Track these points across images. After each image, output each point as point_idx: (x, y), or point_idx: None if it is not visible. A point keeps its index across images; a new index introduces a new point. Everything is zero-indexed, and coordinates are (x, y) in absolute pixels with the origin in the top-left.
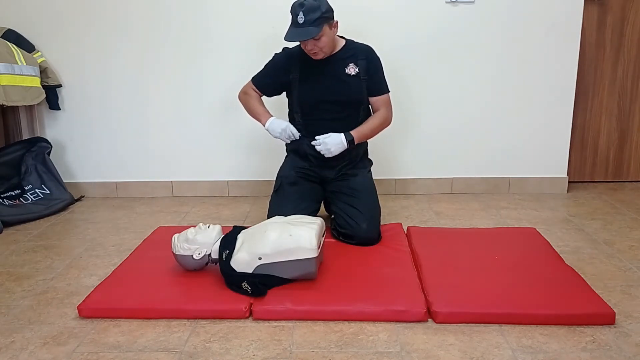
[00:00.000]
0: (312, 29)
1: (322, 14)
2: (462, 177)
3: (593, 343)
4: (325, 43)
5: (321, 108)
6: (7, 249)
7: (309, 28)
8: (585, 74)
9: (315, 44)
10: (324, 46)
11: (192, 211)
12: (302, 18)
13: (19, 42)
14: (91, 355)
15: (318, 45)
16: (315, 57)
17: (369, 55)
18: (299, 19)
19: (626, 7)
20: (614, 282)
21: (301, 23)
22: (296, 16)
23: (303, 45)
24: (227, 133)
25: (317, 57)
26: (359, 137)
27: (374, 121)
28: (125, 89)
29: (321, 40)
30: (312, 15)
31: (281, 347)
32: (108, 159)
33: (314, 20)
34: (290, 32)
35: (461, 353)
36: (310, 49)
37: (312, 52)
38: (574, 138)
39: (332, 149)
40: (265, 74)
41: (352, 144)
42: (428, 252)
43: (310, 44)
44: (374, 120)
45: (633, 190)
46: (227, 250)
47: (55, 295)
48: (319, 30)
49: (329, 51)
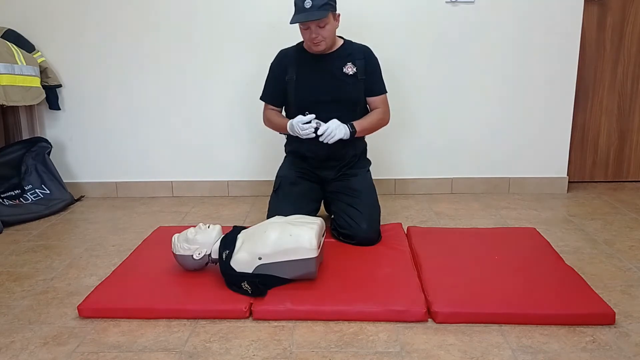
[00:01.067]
0: (318, 12)
1: (328, 0)
2: (462, 177)
3: (593, 343)
4: (329, 32)
5: (318, 107)
6: (7, 249)
7: (315, 12)
8: (585, 74)
9: (319, 32)
10: (327, 35)
11: (192, 211)
12: (310, 3)
13: (19, 42)
14: (91, 355)
15: (322, 33)
16: (317, 47)
17: (367, 55)
18: (306, 3)
19: (626, 7)
20: (614, 282)
21: (308, 7)
22: (303, 2)
23: (307, 34)
24: (227, 133)
25: (319, 48)
26: (360, 129)
27: (373, 116)
28: (125, 89)
29: (325, 28)
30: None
31: (281, 347)
32: (108, 159)
33: (320, 5)
34: (296, 16)
35: (461, 353)
36: (314, 37)
37: (315, 40)
38: (574, 138)
39: (335, 132)
40: (268, 86)
41: (352, 128)
42: (428, 252)
43: (315, 30)
44: (373, 115)
45: (633, 190)
46: (227, 250)
47: (55, 295)
48: (326, 14)
49: (330, 43)
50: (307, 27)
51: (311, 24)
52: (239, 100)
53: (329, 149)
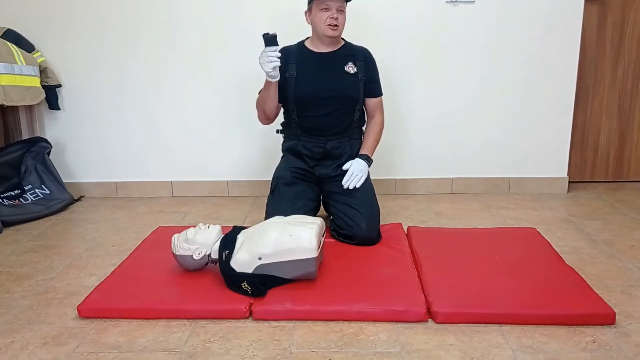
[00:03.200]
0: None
1: None
2: (462, 177)
3: (593, 343)
4: (344, 21)
5: (319, 103)
6: (7, 249)
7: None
8: (585, 74)
9: (338, 16)
10: (342, 22)
11: (192, 211)
12: None
13: (19, 42)
14: (91, 356)
15: (340, 18)
16: (333, 32)
17: (367, 57)
18: None
19: (626, 7)
20: (614, 282)
21: None
22: None
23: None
24: (227, 133)
25: (334, 33)
26: (372, 153)
27: (375, 132)
28: (125, 89)
29: (343, 14)
30: None
31: (281, 347)
32: (108, 159)
33: None
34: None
35: (461, 353)
36: (336, 18)
37: (333, 24)
38: (574, 138)
39: (360, 175)
40: None
41: (370, 161)
42: (428, 252)
43: (337, 11)
44: (374, 131)
45: (633, 190)
46: (227, 250)
47: (55, 295)
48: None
49: (341, 32)
50: (327, 8)
51: (333, 6)
52: (239, 100)
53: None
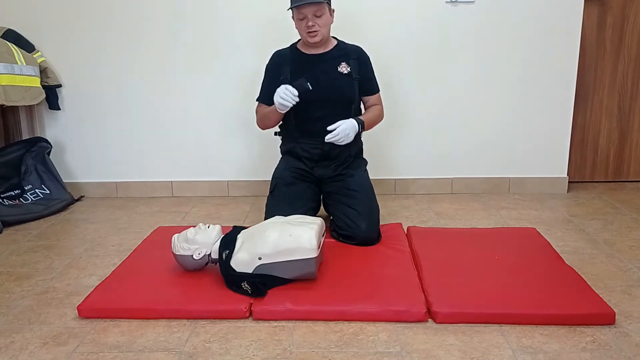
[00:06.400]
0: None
1: None
2: (462, 177)
3: (593, 343)
4: (325, 23)
5: (314, 106)
6: (7, 249)
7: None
8: (585, 74)
9: (316, 21)
10: (323, 25)
11: (192, 211)
12: None
13: (19, 42)
14: (91, 356)
15: (318, 22)
16: (313, 38)
17: (360, 55)
18: None
19: (626, 7)
20: (614, 282)
21: None
22: None
23: (303, 24)
24: (227, 133)
25: (315, 39)
26: (367, 122)
27: (374, 112)
28: (125, 89)
29: (322, 18)
30: None
31: (281, 347)
32: (108, 159)
33: None
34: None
35: (461, 353)
36: (311, 25)
37: (312, 30)
38: (574, 138)
39: (350, 133)
40: (265, 87)
41: (362, 126)
42: (428, 252)
43: (311, 19)
44: (373, 111)
45: (633, 190)
46: (227, 250)
47: (55, 295)
48: (323, 3)
49: (325, 35)
50: (303, 17)
51: (308, 13)
52: (239, 100)
53: (323, 148)
